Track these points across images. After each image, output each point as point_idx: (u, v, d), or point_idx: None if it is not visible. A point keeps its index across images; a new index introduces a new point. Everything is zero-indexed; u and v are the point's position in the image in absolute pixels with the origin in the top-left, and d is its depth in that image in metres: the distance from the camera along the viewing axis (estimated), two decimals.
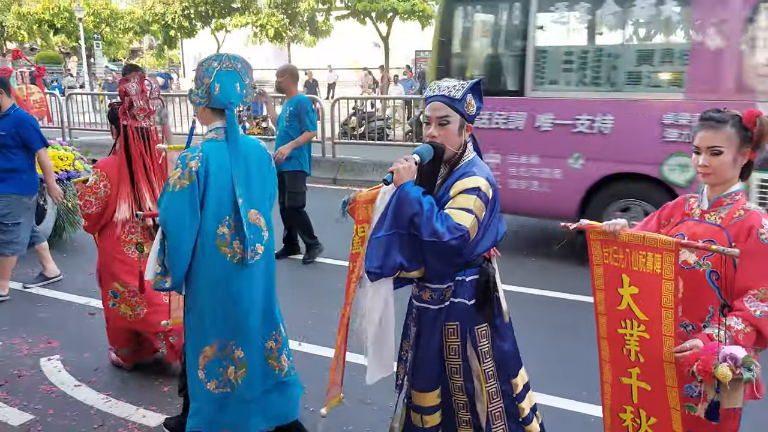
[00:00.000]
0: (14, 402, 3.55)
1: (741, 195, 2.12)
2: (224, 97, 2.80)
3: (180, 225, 2.74)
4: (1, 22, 31.96)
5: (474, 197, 2.29)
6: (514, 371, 2.48)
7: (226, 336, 2.89)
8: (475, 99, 2.42)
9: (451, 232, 2.22)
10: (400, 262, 2.30)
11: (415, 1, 18.79)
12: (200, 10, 23.21)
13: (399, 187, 2.30)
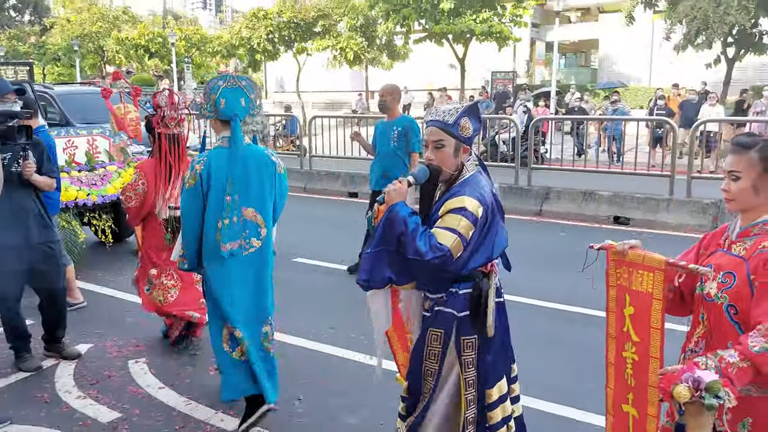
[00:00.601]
0: (104, 401, 3.78)
1: None
2: (229, 110, 3.31)
3: (187, 215, 3.36)
4: (102, 47, 34.30)
5: (460, 217, 2.39)
6: (491, 383, 2.55)
7: (228, 318, 3.39)
8: (471, 121, 2.52)
9: (433, 251, 2.34)
10: (388, 276, 2.46)
11: (492, 23, 18.77)
12: (283, 35, 24.03)
13: (389, 207, 2.45)
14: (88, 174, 6.13)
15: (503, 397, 2.60)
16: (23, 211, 3.94)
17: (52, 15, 41.29)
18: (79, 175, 6.06)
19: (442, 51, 21.79)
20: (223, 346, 3.44)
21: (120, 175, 6.33)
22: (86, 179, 6.06)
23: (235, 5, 44.73)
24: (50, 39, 36.37)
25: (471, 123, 2.53)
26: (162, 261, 4.39)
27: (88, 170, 6.17)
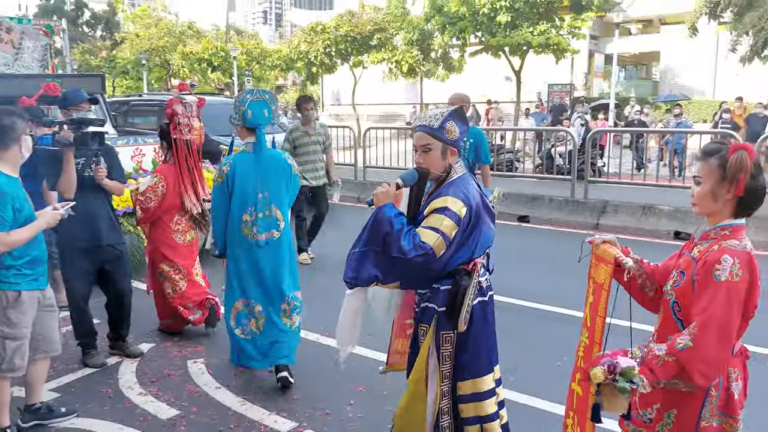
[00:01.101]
0: (164, 398, 3.93)
1: (731, 231, 2.03)
2: (255, 120, 3.95)
3: (215, 208, 4.02)
4: (168, 61, 35.63)
5: (443, 217, 2.50)
6: (464, 377, 2.68)
7: (248, 295, 4.02)
8: (457, 125, 2.64)
9: (416, 250, 2.46)
10: (375, 274, 2.57)
11: (550, 35, 18.57)
12: (340, 48, 24.40)
13: (377, 209, 2.58)
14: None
15: (476, 395, 2.69)
16: (94, 213, 4.16)
17: (122, 30, 43.17)
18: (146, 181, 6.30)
19: (497, 63, 21.65)
20: (230, 321, 4.08)
21: None
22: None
23: (295, 20, 45.74)
24: (120, 53, 38.01)
25: (457, 126, 2.63)
26: (172, 257, 4.80)
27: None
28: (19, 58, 7.60)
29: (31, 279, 3.27)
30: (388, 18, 23.57)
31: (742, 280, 1.94)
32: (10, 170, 3.21)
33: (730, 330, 1.95)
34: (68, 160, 3.85)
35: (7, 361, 3.23)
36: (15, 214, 3.12)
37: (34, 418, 3.56)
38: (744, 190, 1.99)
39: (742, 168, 1.97)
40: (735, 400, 2.04)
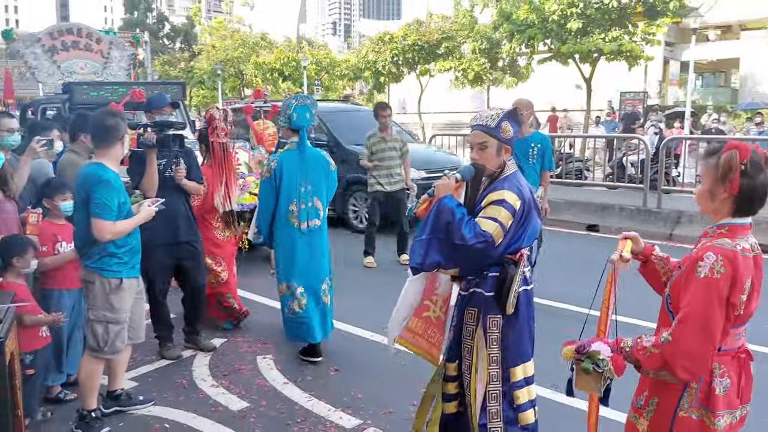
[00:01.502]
0: (234, 391, 4.09)
1: (729, 229, 2.04)
2: (299, 122, 4.45)
3: (262, 200, 4.52)
4: (241, 71, 36.89)
5: (500, 208, 2.72)
6: (515, 362, 2.82)
7: (290, 279, 4.49)
8: (511, 125, 2.83)
9: (477, 238, 2.67)
10: (438, 260, 2.79)
11: (622, 42, 18.08)
12: (408, 57, 24.62)
13: (438, 200, 2.80)
14: None
15: (528, 379, 2.86)
16: (174, 211, 4.38)
17: (199, 42, 44.97)
18: None
19: (566, 71, 21.28)
20: (280, 301, 4.64)
21: (257, 185, 6.71)
22: None
23: (363, 30, 46.38)
24: (197, 64, 39.61)
25: (511, 126, 2.83)
26: (215, 251, 5.12)
27: None
28: (107, 67, 8.11)
29: (130, 267, 3.52)
30: (456, 26, 23.59)
31: (724, 278, 1.95)
32: (114, 166, 3.47)
33: (709, 325, 1.96)
34: (151, 161, 4.09)
35: (109, 344, 3.47)
36: (120, 207, 3.38)
37: (116, 404, 3.78)
38: (738, 189, 2.00)
39: (732, 167, 1.99)
40: (716, 395, 2.04)
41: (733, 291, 1.97)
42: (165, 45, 50.74)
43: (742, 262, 1.98)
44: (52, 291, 3.79)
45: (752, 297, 2.05)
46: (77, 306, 3.93)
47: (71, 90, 6.80)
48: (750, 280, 2.01)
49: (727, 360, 2.08)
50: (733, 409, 2.09)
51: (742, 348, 2.13)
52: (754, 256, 2.05)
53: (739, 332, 2.10)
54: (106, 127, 3.45)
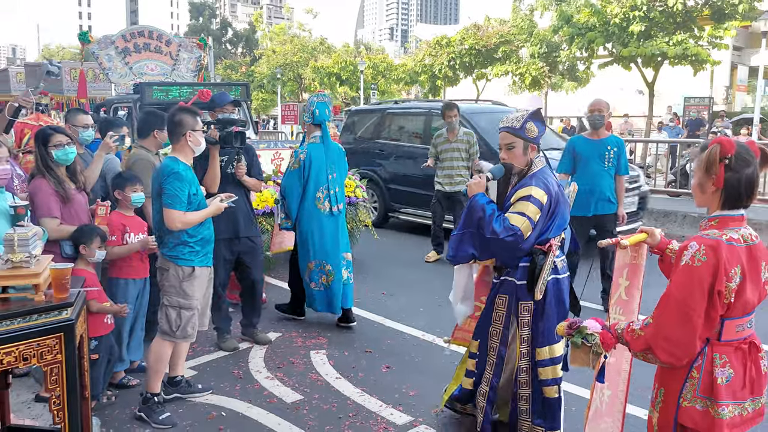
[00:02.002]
0: (288, 383, 4.18)
1: (719, 221, 2.10)
2: (321, 117, 4.96)
3: (290, 189, 4.96)
4: (300, 75, 37.54)
5: (528, 203, 2.96)
6: (542, 344, 3.10)
7: (320, 257, 5.01)
8: (536, 125, 3.06)
9: (506, 231, 2.93)
10: (471, 252, 3.09)
11: (687, 45, 17.47)
12: (464, 61, 24.56)
13: (470, 197, 3.08)
14: None
15: (555, 360, 3.12)
16: (235, 207, 4.51)
17: (260, 47, 46.01)
18: None
19: (628, 75, 20.74)
20: (305, 276, 5.11)
21: None
22: None
23: (421, 34, 46.47)
24: (258, 68, 40.53)
25: (536, 126, 3.07)
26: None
27: None
28: (176, 68, 8.42)
29: (202, 256, 3.67)
30: (514, 30, 23.35)
31: (705, 265, 2.00)
32: (185, 160, 3.64)
33: (687, 311, 2.02)
34: (213, 157, 4.23)
35: (181, 328, 3.64)
36: (190, 198, 3.55)
37: (175, 390, 3.92)
38: (723, 183, 2.07)
39: (714, 161, 2.06)
40: (719, 385, 2.06)
41: (717, 279, 2.00)
42: (227, 50, 52.16)
43: (726, 251, 2.01)
44: (118, 280, 3.97)
45: (746, 287, 2.05)
46: (141, 295, 4.11)
47: (142, 90, 7.11)
48: (740, 269, 2.03)
49: (730, 351, 2.10)
50: (740, 400, 2.10)
51: (747, 339, 2.13)
52: (748, 246, 2.07)
53: (740, 323, 2.10)
54: (173, 124, 3.65)
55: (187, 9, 63.13)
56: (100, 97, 11.02)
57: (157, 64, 8.26)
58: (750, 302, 2.09)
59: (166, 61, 8.35)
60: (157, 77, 8.13)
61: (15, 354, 2.49)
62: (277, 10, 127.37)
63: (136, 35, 8.13)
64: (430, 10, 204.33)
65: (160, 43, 8.28)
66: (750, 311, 2.12)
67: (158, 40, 8.28)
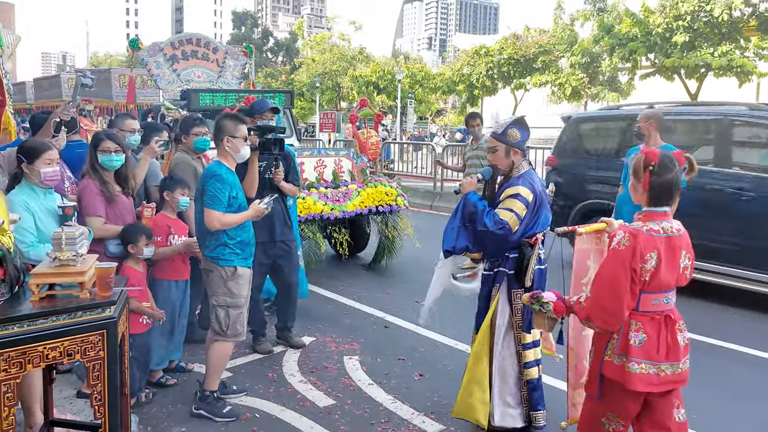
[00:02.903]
0: (321, 387, 4.21)
1: (645, 215, 2.58)
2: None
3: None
4: (339, 84, 37.88)
5: (515, 201, 3.33)
6: (528, 329, 3.46)
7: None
8: (518, 130, 3.43)
9: (496, 225, 3.31)
10: (466, 245, 3.45)
11: (733, 56, 17.06)
12: (503, 71, 24.44)
13: (464, 195, 3.47)
14: (333, 191, 6.67)
15: (536, 342, 3.53)
16: (271, 211, 4.56)
17: (300, 56, 46.60)
18: (326, 191, 6.62)
19: (670, 87, 20.33)
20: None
21: (359, 194, 6.80)
22: (331, 195, 6.58)
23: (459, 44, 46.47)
24: (297, 77, 41.04)
25: (519, 132, 3.43)
26: None
27: (334, 187, 6.74)
28: (222, 76, 8.58)
29: (242, 258, 3.76)
30: (554, 40, 23.15)
31: (627, 249, 2.49)
32: (228, 164, 3.75)
33: (614, 285, 2.50)
34: (252, 163, 4.31)
35: (230, 326, 3.74)
36: (230, 200, 3.64)
37: None
38: (648, 185, 2.56)
39: (639, 168, 2.59)
40: (631, 345, 2.54)
41: (634, 260, 2.47)
42: (268, 58, 52.98)
43: (644, 239, 2.48)
44: (162, 281, 4.07)
45: (662, 269, 2.50)
46: (184, 297, 4.21)
47: (189, 96, 7.26)
48: (656, 254, 2.49)
49: (645, 319, 2.56)
50: (654, 361, 2.53)
51: (663, 312, 2.58)
52: (667, 237, 2.53)
53: (656, 298, 2.56)
54: (216, 129, 3.77)
55: (230, 18, 64.43)
56: (147, 103, 11.28)
57: (204, 71, 8.42)
58: (665, 282, 2.54)
59: (212, 68, 8.51)
60: (203, 84, 8.28)
61: (60, 349, 2.58)
62: (317, 20, 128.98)
63: (184, 42, 8.30)
64: (469, 20, 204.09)
65: (207, 51, 8.44)
66: (665, 290, 2.56)
67: (206, 48, 8.44)
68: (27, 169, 3.38)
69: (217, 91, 7.60)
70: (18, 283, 2.78)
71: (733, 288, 6.01)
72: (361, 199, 6.74)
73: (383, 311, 5.81)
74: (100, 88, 10.40)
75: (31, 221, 3.30)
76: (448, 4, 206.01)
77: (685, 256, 2.60)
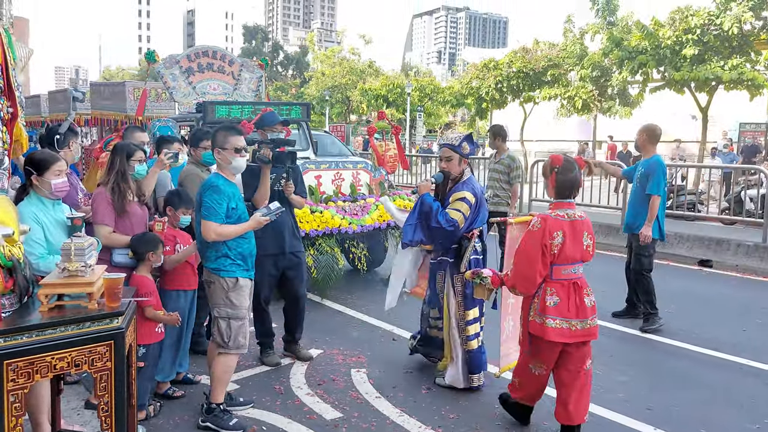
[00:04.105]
0: (328, 400, 4.20)
1: (554, 205, 3.50)
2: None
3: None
4: (348, 97, 38.05)
5: (462, 203, 4.14)
6: (468, 307, 4.26)
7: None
8: (469, 145, 4.28)
9: (448, 223, 4.09)
10: (421, 238, 4.25)
11: (743, 69, 16.97)
12: (512, 84, 24.44)
13: (420, 196, 4.22)
14: (351, 204, 6.62)
15: (475, 319, 4.29)
16: (281, 223, 4.57)
17: (310, 69, 46.87)
18: (344, 205, 6.57)
19: (679, 100, 20.25)
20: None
21: (377, 207, 6.69)
22: (349, 209, 6.52)
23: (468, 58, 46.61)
24: (307, 90, 41.27)
25: (469, 145, 4.28)
26: None
27: (352, 201, 6.68)
28: (237, 88, 8.59)
29: (243, 269, 3.77)
30: (564, 54, 23.16)
31: (539, 230, 3.37)
32: (227, 175, 3.77)
33: (529, 257, 3.38)
34: (265, 175, 4.33)
35: (233, 338, 3.74)
36: (229, 211, 3.65)
37: None
38: (555, 182, 3.46)
39: (547, 169, 3.51)
40: (547, 306, 3.37)
41: (544, 238, 3.34)
42: (278, 72, 53.36)
43: (552, 222, 3.37)
44: (170, 291, 4.08)
45: (567, 246, 3.35)
46: (192, 307, 4.22)
47: (205, 109, 7.19)
48: (561, 233, 3.34)
49: (557, 286, 3.40)
50: (566, 317, 3.36)
51: (570, 280, 3.41)
52: (571, 221, 3.40)
53: (565, 269, 3.39)
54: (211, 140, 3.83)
55: (241, 32, 65.04)
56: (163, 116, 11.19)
57: (220, 83, 8.42)
58: (571, 256, 3.38)
59: (228, 80, 8.50)
60: (219, 97, 8.23)
61: (68, 360, 2.59)
62: (327, 34, 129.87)
63: (200, 55, 8.29)
64: (478, 34, 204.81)
65: (223, 63, 8.43)
66: (572, 262, 3.40)
67: (221, 60, 8.43)
68: (37, 180, 3.40)
69: (234, 103, 7.58)
70: (27, 293, 2.80)
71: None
72: (379, 212, 6.63)
73: (391, 324, 5.79)
74: (115, 101, 10.41)
75: (41, 233, 3.32)
76: (458, 18, 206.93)
77: (587, 236, 3.44)
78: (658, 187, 5.62)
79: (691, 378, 4.68)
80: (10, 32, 2.89)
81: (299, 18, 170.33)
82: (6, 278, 2.70)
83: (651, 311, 5.76)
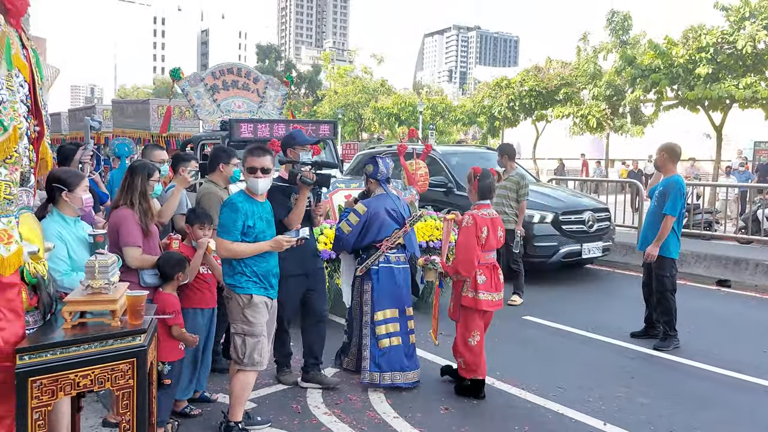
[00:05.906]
0: (346, 420, 4.17)
1: (476, 206, 4.59)
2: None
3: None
4: (360, 115, 38.29)
5: (353, 214, 4.73)
6: (378, 308, 4.68)
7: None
8: (374, 166, 4.79)
9: (337, 230, 4.85)
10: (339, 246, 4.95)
11: (758, 88, 16.90)
12: (524, 102, 24.52)
13: (344, 210, 4.96)
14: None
15: (387, 320, 4.68)
16: (306, 244, 4.35)
17: (323, 87, 47.23)
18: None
19: (694, 118, 20.18)
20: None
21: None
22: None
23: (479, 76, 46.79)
24: (320, 108, 41.59)
25: (373, 166, 4.79)
26: None
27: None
28: (262, 106, 8.61)
29: (260, 287, 3.77)
30: (576, 73, 23.20)
31: (472, 226, 4.41)
32: (252, 194, 3.80)
33: (468, 247, 4.40)
34: (303, 197, 4.22)
35: (247, 355, 3.74)
36: (245, 229, 3.67)
37: None
38: (477, 188, 4.58)
39: (471, 177, 4.61)
40: (478, 283, 4.44)
41: (477, 231, 4.39)
42: (291, 90, 53.75)
43: (478, 219, 4.44)
44: (188, 310, 4.07)
45: (490, 237, 4.47)
46: (210, 325, 4.21)
47: (231, 126, 7.18)
48: (486, 228, 4.45)
49: (484, 268, 4.48)
50: (490, 291, 4.49)
51: (491, 263, 4.54)
52: (491, 219, 4.52)
53: (488, 254, 4.51)
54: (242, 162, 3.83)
55: (255, 51, 65.76)
56: (184, 134, 11.16)
57: (244, 101, 8.42)
58: (491, 245, 4.51)
59: (253, 98, 8.51)
60: (243, 114, 8.21)
61: (91, 377, 2.60)
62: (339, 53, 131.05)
63: (225, 72, 8.30)
64: (489, 53, 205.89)
65: (248, 81, 8.45)
66: (491, 249, 4.53)
67: (246, 78, 8.45)
68: (67, 197, 3.42)
69: (259, 121, 7.55)
70: (51, 310, 2.81)
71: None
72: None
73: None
74: (138, 119, 10.48)
75: (65, 250, 3.34)
76: (469, 37, 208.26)
77: (500, 230, 4.59)
78: (674, 208, 5.58)
79: (714, 400, 4.60)
80: (37, 52, 2.94)
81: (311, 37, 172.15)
82: (30, 295, 2.72)
83: (670, 333, 5.69)
